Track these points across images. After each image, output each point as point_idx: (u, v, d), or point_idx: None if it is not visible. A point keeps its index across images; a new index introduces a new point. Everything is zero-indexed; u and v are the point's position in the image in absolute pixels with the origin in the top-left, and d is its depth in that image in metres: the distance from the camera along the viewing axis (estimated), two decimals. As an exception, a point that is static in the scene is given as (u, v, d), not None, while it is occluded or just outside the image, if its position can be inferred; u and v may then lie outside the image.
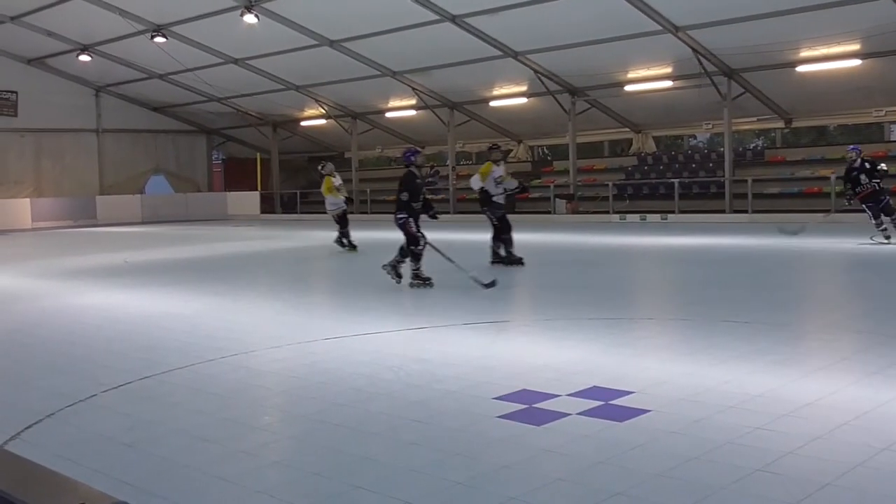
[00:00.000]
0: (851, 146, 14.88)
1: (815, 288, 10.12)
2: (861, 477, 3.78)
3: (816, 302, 9.47)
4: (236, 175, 36.98)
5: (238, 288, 11.72)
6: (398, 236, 10.74)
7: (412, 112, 28.79)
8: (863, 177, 14.29)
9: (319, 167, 16.76)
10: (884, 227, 14.15)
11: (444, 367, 6.07)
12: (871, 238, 14.13)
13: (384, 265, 10.71)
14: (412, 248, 10.44)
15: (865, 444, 4.16)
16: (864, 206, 14.38)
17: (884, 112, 23.34)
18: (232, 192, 34.34)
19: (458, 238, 15.98)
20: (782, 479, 3.78)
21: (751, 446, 4.16)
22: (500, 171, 12.67)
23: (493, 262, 12.46)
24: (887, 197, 14.30)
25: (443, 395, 5.32)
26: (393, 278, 10.56)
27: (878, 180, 14.33)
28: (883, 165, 14.90)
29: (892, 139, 25.74)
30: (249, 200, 33.86)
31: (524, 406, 4.98)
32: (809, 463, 3.97)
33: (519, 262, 12.44)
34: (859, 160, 14.39)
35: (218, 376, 6.10)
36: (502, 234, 12.53)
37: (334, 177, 16.09)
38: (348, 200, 16.40)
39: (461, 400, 5.20)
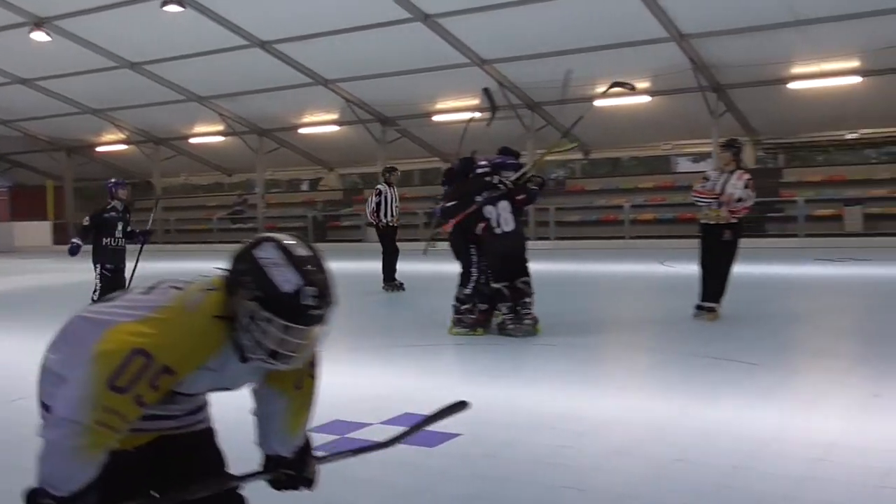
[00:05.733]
0: None
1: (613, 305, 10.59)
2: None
3: (612, 320, 9.88)
4: (24, 204, 34.36)
5: (13, 324, 10.81)
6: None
7: (219, 138, 28.02)
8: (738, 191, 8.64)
9: None
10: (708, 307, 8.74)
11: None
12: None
13: None
14: None
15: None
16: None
17: (671, 146, 25.51)
18: (19, 223, 31.90)
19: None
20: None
21: (559, 464, 4.26)
22: None
23: None
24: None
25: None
26: None
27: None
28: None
29: (677, 171, 27.81)
30: (40, 231, 31.55)
31: (337, 437, 4.86)
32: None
33: None
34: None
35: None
36: None
37: None
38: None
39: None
